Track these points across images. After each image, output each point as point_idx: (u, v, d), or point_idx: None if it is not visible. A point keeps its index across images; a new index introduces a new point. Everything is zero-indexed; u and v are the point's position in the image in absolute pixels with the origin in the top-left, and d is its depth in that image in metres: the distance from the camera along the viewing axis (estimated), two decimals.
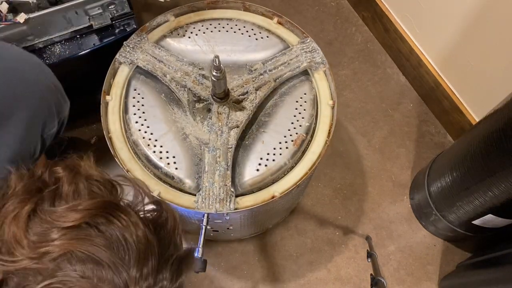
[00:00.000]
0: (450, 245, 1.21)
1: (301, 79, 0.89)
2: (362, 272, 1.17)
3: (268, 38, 0.91)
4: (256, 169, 0.80)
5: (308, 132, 0.84)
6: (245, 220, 0.92)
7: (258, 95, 0.83)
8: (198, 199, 0.77)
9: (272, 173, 0.80)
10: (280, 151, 0.81)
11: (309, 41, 0.90)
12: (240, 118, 0.82)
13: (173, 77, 0.84)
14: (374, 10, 1.45)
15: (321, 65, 0.89)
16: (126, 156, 0.81)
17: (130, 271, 0.41)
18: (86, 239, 0.41)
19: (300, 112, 0.85)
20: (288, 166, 0.82)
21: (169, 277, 0.44)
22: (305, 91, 0.87)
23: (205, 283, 1.15)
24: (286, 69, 0.87)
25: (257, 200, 0.79)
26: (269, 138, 0.83)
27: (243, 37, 0.91)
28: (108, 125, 0.84)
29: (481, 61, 1.11)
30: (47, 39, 1.01)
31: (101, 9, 1.03)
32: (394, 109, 1.39)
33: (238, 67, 0.88)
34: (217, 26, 0.92)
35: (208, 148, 0.79)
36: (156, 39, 0.90)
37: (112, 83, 0.87)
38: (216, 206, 0.76)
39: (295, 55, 0.88)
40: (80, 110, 1.31)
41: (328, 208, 1.25)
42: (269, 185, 0.81)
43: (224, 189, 0.77)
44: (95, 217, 0.43)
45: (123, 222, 0.43)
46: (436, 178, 1.10)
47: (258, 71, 0.86)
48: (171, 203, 0.77)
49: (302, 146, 0.83)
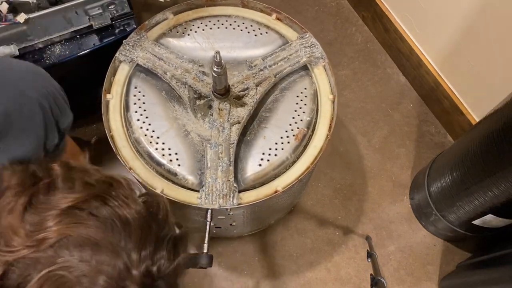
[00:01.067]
0: (450, 245, 1.21)
1: (301, 74, 0.89)
2: (362, 272, 1.17)
3: (267, 34, 0.91)
4: (258, 164, 0.80)
5: (309, 126, 0.84)
6: (248, 215, 0.92)
7: (258, 90, 0.84)
8: (202, 195, 0.77)
9: (275, 168, 0.81)
10: (282, 145, 0.82)
11: (308, 36, 0.90)
12: (241, 114, 0.82)
13: (174, 74, 0.84)
14: (374, 10, 1.45)
15: (321, 60, 0.89)
16: (129, 154, 0.82)
17: (129, 252, 0.42)
18: (82, 223, 0.42)
19: (301, 107, 0.85)
20: (290, 161, 0.82)
21: (167, 256, 0.45)
22: (305, 86, 0.87)
23: (205, 282, 1.15)
24: (286, 64, 0.87)
25: (260, 195, 0.79)
26: (271, 133, 0.83)
27: (242, 33, 0.91)
28: (109, 123, 0.84)
29: (481, 61, 1.11)
30: (47, 39, 1.01)
31: (101, 9, 1.03)
32: (394, 109, 1.39)
33: (238, 63, 0.88)
34: (216, 23, 0.92)
35: (210, 144, 0.79)
36: (156, 37, 0.90)
37: (113, 81, 0.87)
38: (220, 202, 0.76)
39: (295, 50, 0.89)
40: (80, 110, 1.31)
41: (328, 208, 1.25)
42: (271, 180, 0.81)
43: (227, 185, 0.77)
44: (90, 201, 0.43)
45: (118, 203, 0.44)
46: (436, 178, 1.10)
47: (258, 67, 0.86)
48: (175, 199, 0.77)
49: (304, 140, 0.83)
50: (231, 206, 0.76)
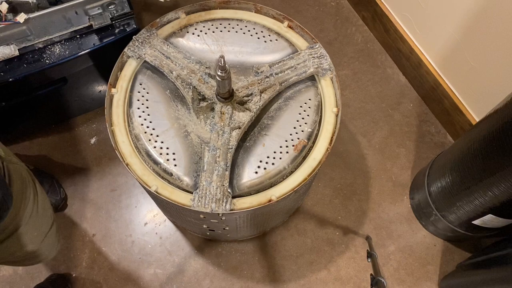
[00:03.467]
0: (450, 245, 1.21)
1: (307, 84, 0.88)
2: (362, 272, 1.17)
3: (277, 41, 0.91)
4: (255, 171, 0.80)
5: (310, 138, 0.84)
6: (241, 222, 0.92)
7: (262, 97, 0.83)
8: (195, 198, 0.77)
9: (271, 177, 0.80)
10: (281, 155, 0.81)
11: (317, 47, 0.90)
12: (242, 119, 0.82)
13: (179, 74, 0.84)
14: (374, 10, 1.45)
15: (328, 71, 0.89)
16: (127, 149, 0.82)
17: None
18: None
19: (304, 118, 0.85)
20: (288, 171, 0.82)
21: None
22: (310, 96, 0.87)
23: (205, 282, 1.15)
24: (293, 73, 0.87)
25: (254, 202, 0.78)
26: (270, 142, 0.82)
27: (252, 38, 0.91)
28: (111, 117, 0.84)
29: (481, 61, 1.11)
30: (47, 39, 1.01)
31: (101, 9, 1.03)
32: (394, 109, 1.39)
33: (245, 68, 0.88)
34: (226, 26, 0.92)
35: (209, 147, 0.79)
36: (166, 35, 0.90)
37: (119, 76, 0.87)
38: (212, 206, 0.76)
39: (303, 60, 0.88)
40: (79, 110, 1.32)
41: (328, 208, 1.25)
42: (267, 188, 0.81)
43: (221, 189, 0.76)
44: None
45: None
46: (436, 178, 1.10)
47: (264, 74, 0.85)
48: (167, 199, 0.77)
49: (303, 151, 0.83)
50: (223, 211, 0.76)
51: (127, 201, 1.24)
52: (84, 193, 1.25)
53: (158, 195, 0.78)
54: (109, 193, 1.25)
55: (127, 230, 1.21)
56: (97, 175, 1.27)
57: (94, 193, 1.25)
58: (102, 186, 1.26)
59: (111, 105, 0.85)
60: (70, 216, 1.22)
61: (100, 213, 1.22)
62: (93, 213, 1.22)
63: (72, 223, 1.21)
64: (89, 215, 1.22)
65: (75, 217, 1.22)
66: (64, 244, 1.18)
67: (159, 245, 1.19)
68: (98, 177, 1.27)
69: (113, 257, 1.17)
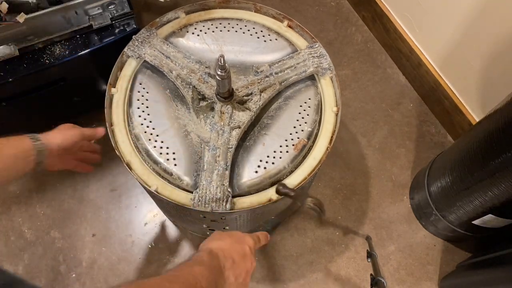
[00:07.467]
0: (450, 245, 1.21)
1: (307, 83, 0.88)
2: (362, 272, 1.17)
3: (276, 41, 0.91)
4: (255, 171, 0.80)
5: (310, 137, 0.83)
6: (241, 221, 0.92)
7: (262, 97, 0.83)
8: (195, 197, 0.76)
9: (271, 176, 0.80)
10: (280, 154, 0.81)
11: (317, 46, 0.90)
12: (242, 119, 0.81)
13: (179, 73, 0.84)
14: (374, 10, 1.45)
15: (328, 71, 0.89)
16: (127, 149, 0.82)
17: None
18: None
19: (303, 117, 0.84)
20: (287, 170, 0.82)
21: None
22: (310, 96, 0.87)
23: None
24: (292, 72, 0.87)
25: (254, 202, 0.78)
26: (270, 141, 0.82)
27: (252, 38, 0.91)
28: (111, 117, 0.84)
29: (481, 61, 1.11)
30: (47, 39, 1.01)
31: (101, 9, 1.03)
32: (394, 109, 1.39)
33: (245, 67, 0.88)
34: (226, 26, 0.92)
35: (209, 146, 0.79)
36: (166, 35, 0.90)
37: (119, 76, 0.87)
38: (212, 205, 0.76)
39: (303, 59, 0.88)
40: (80, 110, 1.32)
41: (328, 208, 1.25)
42: (267, 187, 0.81)
43: (221, 189, 0.76)
44: None
45: None
46: (436, 178, 1.10)
47: (264, 73, 0.85)
48: (168, 199, 0.77)
49: (303, 151, 0.83)
50: (223, 211, 0.76)
51: (127, 201, 1.24)
52: (84, 193, 1.25)
53: (158, 194, 0.78)
54: (109, 193, 1.25)
55: (127, 230, 1.21)
56: (97, 175, 1.27)
57: (94, 193, 1.25)
58: (102, 186, 1.26)
59: (111, 105, 0.85)
60: (70, 216, 1.22)
61: (100, 213, 1.22)
62: (93, 213, 1.22)
63: (72, 223, 1.21)
64: (89, 215, 1.22)
65: (75, 217, 1.22)
66: (64, 244, 1.18)
67: (159, 245, 1.19)
68: (98, 177, 1.27)
69: (113, 257, 1.18)
